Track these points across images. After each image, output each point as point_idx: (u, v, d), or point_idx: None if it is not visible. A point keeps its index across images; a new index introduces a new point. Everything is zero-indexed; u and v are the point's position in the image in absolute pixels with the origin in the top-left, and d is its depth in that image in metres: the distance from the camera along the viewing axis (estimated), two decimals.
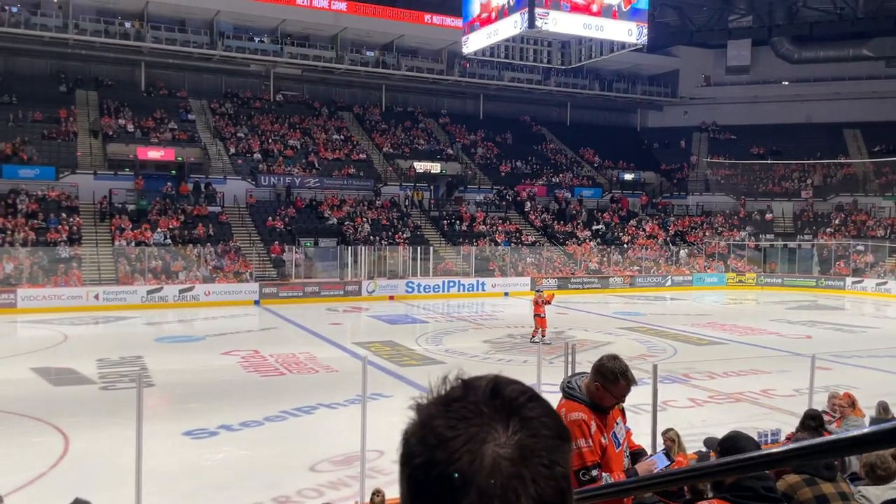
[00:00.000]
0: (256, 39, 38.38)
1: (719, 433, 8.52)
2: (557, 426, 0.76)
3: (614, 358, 3.38)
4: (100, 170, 32.49)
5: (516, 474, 0.72)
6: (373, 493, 6.84)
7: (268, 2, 36.70)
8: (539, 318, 18.83)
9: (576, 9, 24.69)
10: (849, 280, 34.88)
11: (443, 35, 39.78)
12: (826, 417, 7.44)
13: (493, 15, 26.35)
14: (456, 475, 0.72)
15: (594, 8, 25.05)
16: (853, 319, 26.66)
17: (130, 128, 34.71)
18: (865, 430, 1.14)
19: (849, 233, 38.09)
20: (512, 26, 25.35)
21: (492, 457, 0.72)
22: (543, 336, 18.26)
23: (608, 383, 3.30)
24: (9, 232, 27.50)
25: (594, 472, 3.13)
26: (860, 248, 36.36)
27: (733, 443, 3.05)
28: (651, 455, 4.23)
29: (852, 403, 8.26)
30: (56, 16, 33.77)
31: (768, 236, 40.01)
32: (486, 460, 0.72)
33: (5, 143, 31.32)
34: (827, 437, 1.40)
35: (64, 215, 29.37)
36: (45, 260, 26.82)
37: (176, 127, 35.75)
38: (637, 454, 3.76)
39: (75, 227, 28.99)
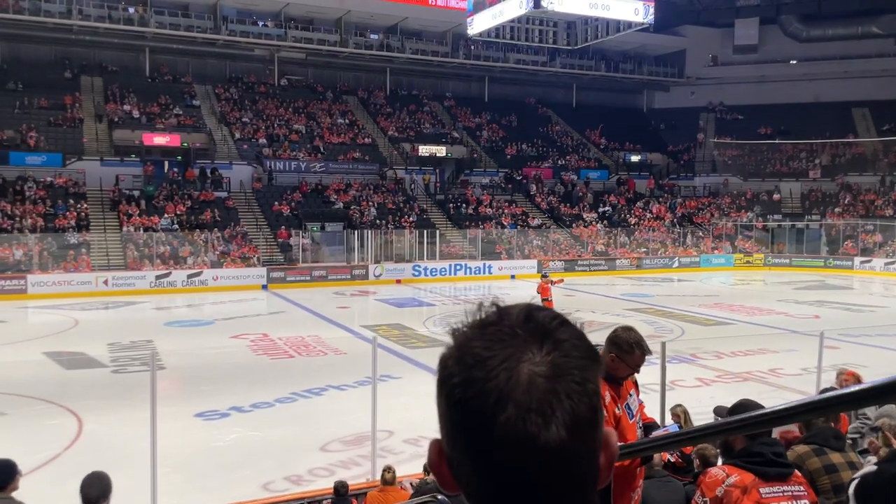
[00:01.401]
0: (260, 24, 38.24)
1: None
2: (587, 347, 0.80)
3: (628, 329, 3.42)
4: (106, 156, 32.56)
5: (551, 390, 0.75)
6: (384, 470, 6.91)
7: None
8: (546, 301, 18.89)
9: None
10: (857, 260, 34.76)
11: (447, 17, 39.53)
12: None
13: None
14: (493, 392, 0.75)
15: None
16: (861, 299, 26.60)
17: (136, 114, 34.72)
18: (867, 385, 1.16)
19: (857, 212, 37.90)
20: (517, 6, 25.21)
21: (527, 374, 0.75)
22: None
23: (623, 353, 3.34)
24: (17, 218, 27.64)
25: None
26: (869, 227, 36.19)
27: (744, 409, 3.08)
28: (664, 427, 4.27)
29: (858, 381, 8.27)
30: (60, 2, 33.69)
31: (776, 216, 39.85)
32: (521, 377, 0.75)
33: (11, 130, 31.40)
34: (831, 393, 1.42)
35: (72, 201, 29.48)
36: (54, 246, 26.98)
37: (181, 112, 35.74)
38: (650, 426, 3.79)
39: (83, 214, 29.11)
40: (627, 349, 3.33)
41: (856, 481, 2.53)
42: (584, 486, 0.78)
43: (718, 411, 4.95)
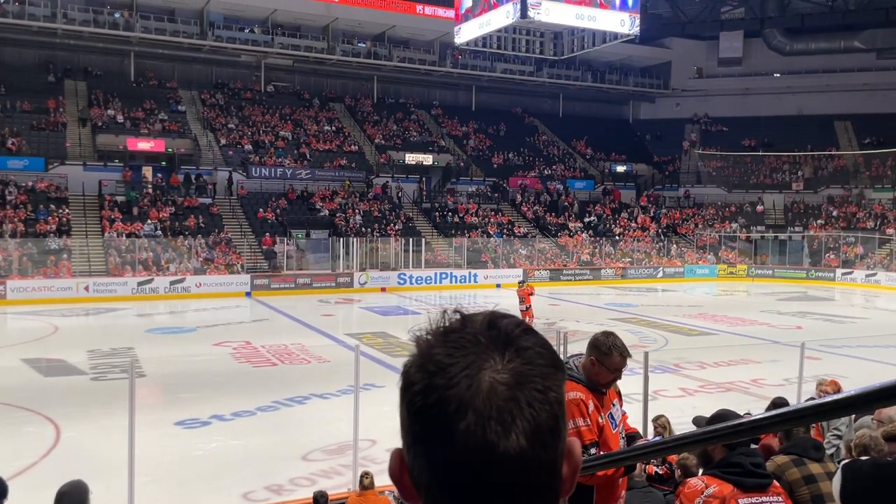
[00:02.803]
0: (247, 30, 38.15)
1: None
2: (551, 356, 0.79)
3: (608, 333, 3.42)
4: (89, 161, 32.29)
5: (512, 398, 0.74)
6: (361, 475, 6.89)
7: None
8: (526, 310, 18.96)
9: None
10: (839, 271, 35.10)
11: (435, 26, 39.64)
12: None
13: (486, 5, 26.29)
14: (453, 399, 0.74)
15: None
16: (843, 310, 26.84)
17: (120, 118, 34.48)
18: (846, 394, 1.15)
19: (839, 225, 38.30)
20: (504, 16, 25.32)
21: (489, 382, 0.74)
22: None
23: (602, 356, 3.33)
24: None
25: (592, 451, 3.16)
26: (850, 239, 36.57)
27: (723, 419, 3.08)
28: (648, 440, 4.26)
29: (838, 391, 8.32)
30: (44, 5, 33.44)
31: (759, 228, 40.19)
32: (483, 385, 0.74)
33: None
34: (811, 402, 1.41)
35: (53, 206, 29.19)
36: (34, 251, 26.67)
37: (166, 118, 35.54)
38: (633, 437, 3.78)
39: (65, 219, 28.82)
40: (606, 351, 3.33)
41: (837, 482, 2.53)
42: (545, 496, 0.77)
43: (697, 421, 4.96)
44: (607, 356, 3.34)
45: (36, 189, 29.82)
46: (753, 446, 3.50)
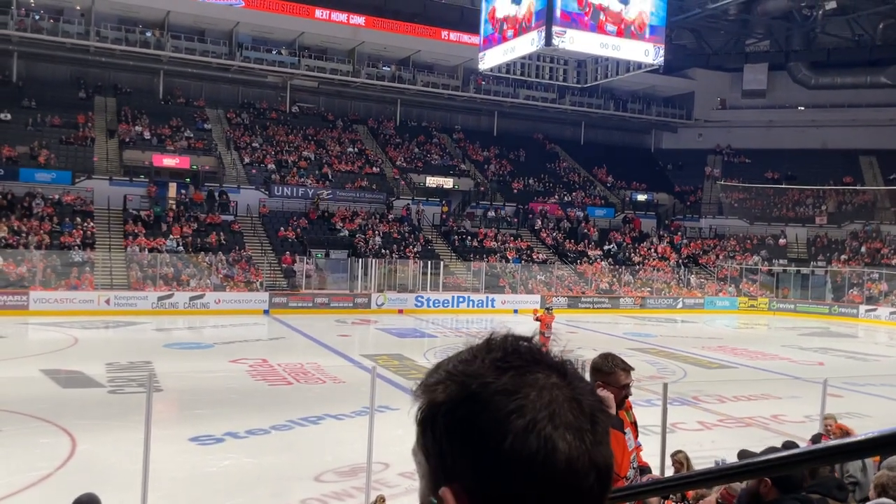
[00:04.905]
0: (274, 51, 38.74)
1: (729, 456, 8.43)
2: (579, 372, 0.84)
3: (604, 356, 3.44)
4: (115, 175, 32.77)
5: (591, 413, 0.78)
6: (376, 499, 6.82)
7: (287, 14, 37.09)
8: (543, 335, 18.83)
9: (594, 28, 24.78)
10: (862, 308, 34.55)
11: (459, 51, 40.01)
12: (824, 440, 7.33)
13: (511, 32, 26.49)
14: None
15: (610, 28, 25.14)
16: (866, 347, 26.37)
17: (147, 135, 35.02)
18: (886, 432, 1.12)
19: (863, 260, 37.80)
20: (529, 44, 25.46)
21: (541, 382, 0.76)
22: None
23: (605, 377, 3.34)
24: (23, 234, 27.74)
25: None
26: (874, 276, 36.05)
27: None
28: (655, 476, 4.19)
29: (845, 434, 8.11)
30: (78, 23, 34.23)
31: (781, 261, 39.76)
32: (537, 384, 0.76)
33: (23, 146, 31.67)
34: (850, 439, 1.37)
35: (78, 219, 29.60)
36: (58, 263, 27.01)
37: (192, 135, 36.05)
38: (644, 471, 3.73)
39: (89, 232, 29.19)
40: (609, 370, 3.34)
41: None
42: None
43: (742, 454, 4.88)
44: (611, 374, 3.36)
45: (62, 202, 30.28)
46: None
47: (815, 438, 7.06)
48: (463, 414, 0.75)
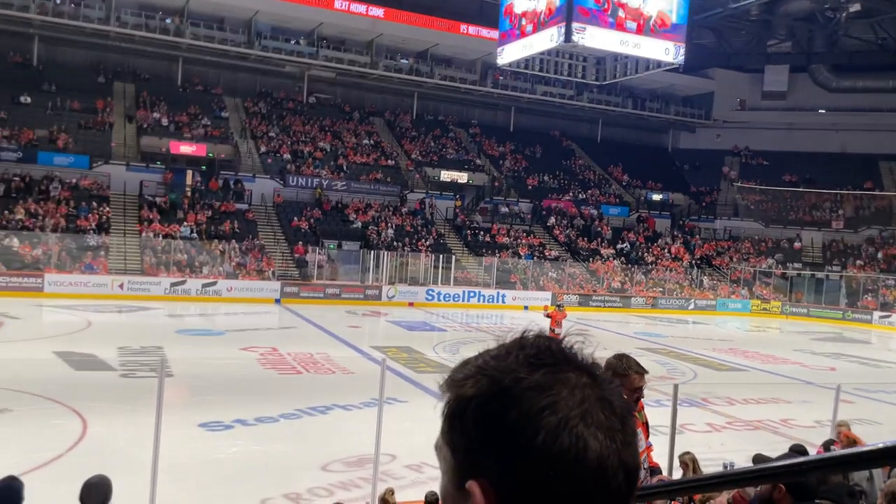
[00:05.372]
0: (293, 41, 38.78)
1: (738, 459, 8.40)
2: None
3: (619, 356, 3.40)
4: (132, 161, 32.98)
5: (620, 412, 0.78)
6: (385, 492, 6.84)
7: (306, 4, 37.10)
8: (553, 332, 18.80)
9: (613, 25, 24.63)
10: (876, 314, 34.25)
11: (478, 45, 39.89)
12: (835, 447, 7.27)
13: (530, 28, 26.37)
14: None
15: (630, 25, 24.97)
16: (879, 354, 26.14)
17: (164, 122, 35.21)
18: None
19: (879, 266, 37.43)
20: (548, 40, 25.35)
21: (573, 381, 0.77)
22: None
23: (618, 378, 3.28)
24: (40, 217, 27.97)
25: None
26: (890, 282, 35.70)
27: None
28: (667, 478, 4.17)
29: (853, 443, 8.02)
30: (99, 8, 34.40)
31: (796, 265, 39.46)
32: (569, 382, 0.76)
33: (43, 130, 31.92)
34: (866, 447, 1.36)
35: (94, 204, 29.82)
36: (73, 246, 27.23)
37: (209, 123, 36.20)
38: (655, 471, 3.71)
39: (105, 217, 29.41)
40: (623, 372, 3.30)
41: None
42: None
43: (757, 459, 4.85)
44: (625, 377, 3.32)
45: (79, 186, 30.51)
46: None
47: (827, 445, 7.01)
48: (494, 409, 0.75)
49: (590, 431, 0.73)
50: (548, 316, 19.17)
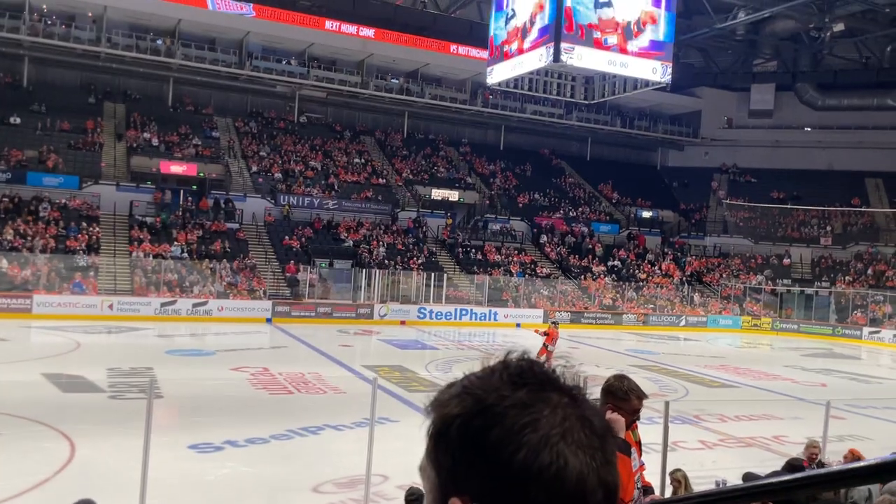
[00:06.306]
0: (284, 61, 38.95)
1: (730, 476, 8.39)
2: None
3: (621, 377, 3.38)
4: (122, 181, 32.91)
5: (576, 413, 0.79)
6: None
7: (297, 25, 37.33)
8: (545, 348, 18.76)
9: (601, 45, 24.87)
10: (866, 330, 34.40)
11: (468, 65, 40.19)
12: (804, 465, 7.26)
13: (519, 47, 26.60)
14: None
15: (617, 45, 25.20)
16: (869, 370, 26.23)
17: (155, 141, 35.19)
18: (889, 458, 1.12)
19: (867, 282, 37.68)
20: (537, 59, 25.56)
21: (555, 401, 0.78)
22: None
23: (619, 401, 3.28)
24: (29, 238, 27.82)
25: None
26: (879, 298, 35.92)
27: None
28: (658, 497, 4.16)
29: (814, 459, 8.01)
30: (90, 29, 34.48)
31: (785, 281, 39.65)
32: (551, 402, 0.78)
33: (32, 150, 31.83)
34: (856, 464, 1.37)
35: (84, 224, 29.68)
36: (62, 267, 27.07)
37: (200, 143, 36.20)
38: (647, 491, 3.70)
39: (94, 237, 29.27)
40: (623, 396, 3.28)
41: None
42: None
43: (747, 477, 4.85)
44: (625, 401, 3.29)
45: (69, 206, 30.38)
46: None
47: (793, 463, 6.98)
48: (477, 426, 0.77)
49: (570, 449, 0.74)
50: (545, 334, 19.17)
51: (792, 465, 6.72)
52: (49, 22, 33.91)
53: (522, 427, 0.75)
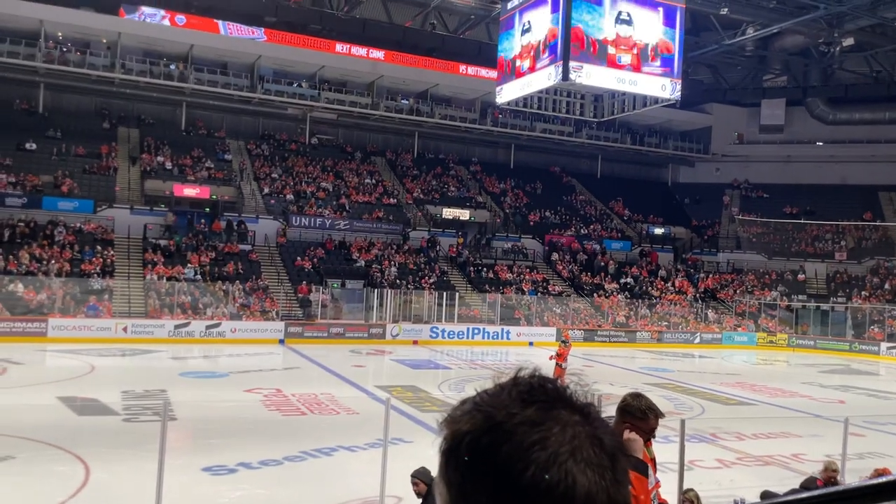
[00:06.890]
0: (295, 84, 39.35)
1: (749, 495, 8.27)
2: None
3: (638, 396, 3.35)
4: (136, 205, 33.21)
5: (587, 432, 0.79)
6: None
7: (308, 48, 37.74)
8: (559, 367, 18.69)
9: (610, 62, 24.94)
10: (883, 345, 33.99)
11: (477, 85, 40.42)
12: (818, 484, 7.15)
13: (528, 67, 26.71)
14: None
15: (627, 63, 25.25)
16: (888, 385, 25.87)
17: (168, 165, 35.54)
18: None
19: (884, 297, 37.29)
20: (546, 78, 25.64)
21: (565, 419, 0.78)
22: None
23: (637, 420, 3.25)
24: (44, 262, 28.07)
25: None
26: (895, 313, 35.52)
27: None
28: None
29: (833, 482, 7.89)
30: (104, 55, 35.01)
31: (800, 297, 39.31)
32: (561, 419, 0.78)
33: (47, 175, 32.22)
34: (874, 480, 1.36)
35: (99, 248, 29.93)
36: (77, 291, 27.27)
37: (212, 166, 36.53)
38: None
39: (109, 260, 29.50)
40: (641, 416, 3.25)
41: None
42: None
43: (765, 495, 4.79)
44: (642, 420, 3.26)
45: (83, 230, 30.67)
46: None
47: (807, 485, 6.89)
48: (486, 443, 0.77)
49: (579, 468, 0.74)
50: (558, 355, 19.15)
51: (806, 488, 6.63)
52: (64, 49, 34.47)
53: (531, 445, 0.75)
